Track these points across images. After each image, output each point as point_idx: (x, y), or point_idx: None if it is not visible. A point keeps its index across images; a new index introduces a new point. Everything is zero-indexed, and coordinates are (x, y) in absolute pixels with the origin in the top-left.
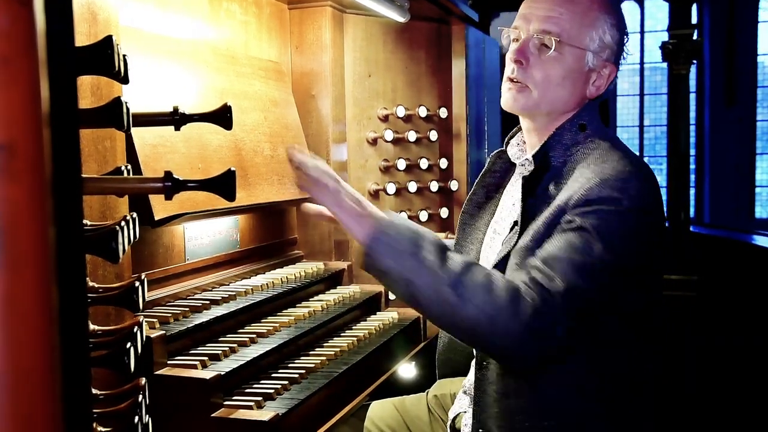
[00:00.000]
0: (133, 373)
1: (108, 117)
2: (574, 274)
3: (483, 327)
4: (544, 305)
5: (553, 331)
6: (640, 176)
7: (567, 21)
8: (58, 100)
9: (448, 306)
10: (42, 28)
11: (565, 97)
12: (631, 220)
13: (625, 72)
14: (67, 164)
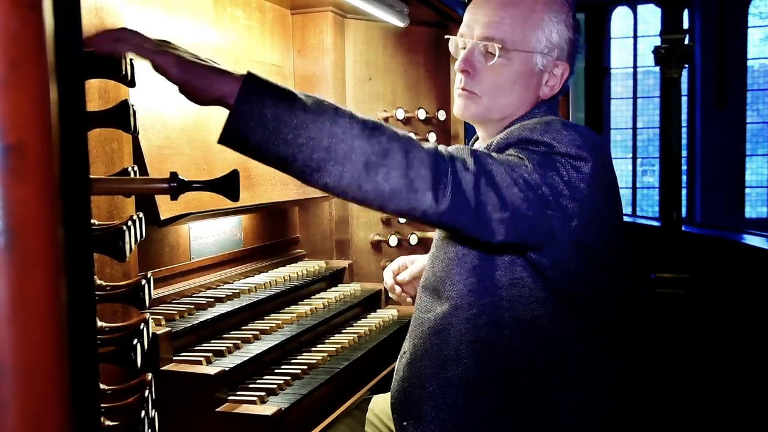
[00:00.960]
0: (139, 368)
1: (115, 119)
2: (493, 163)
3: (399, 159)
4: (451, 157)
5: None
6: (566, 124)
7: (509, 25)
8: (67, 103)
9: (359, 142)
10: (51, 31)
11: (516, 101)
12: (554, 162)
13: (619, 76)
14: (75, 165)
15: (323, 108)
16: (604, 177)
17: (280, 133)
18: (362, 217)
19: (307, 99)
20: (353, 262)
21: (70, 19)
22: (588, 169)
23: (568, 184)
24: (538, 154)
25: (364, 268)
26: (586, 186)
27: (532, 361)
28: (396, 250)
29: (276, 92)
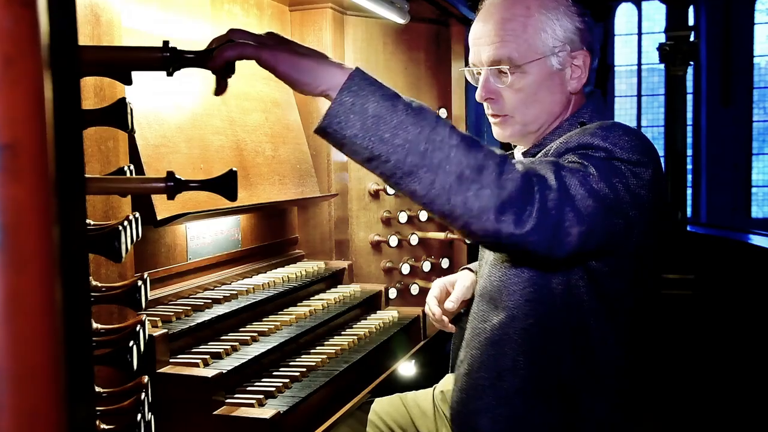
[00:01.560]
0: (135, 371)
1: (111, 117)
2: (570, 176)
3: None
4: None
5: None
6: (627, 129)
7: (510, 41)
8: (62, 101)
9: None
10: (45, 29)
11: (546, 107)
12: (614, 168)
13: (623, 73)
14: (70, 164)
15: (425, 113)
16: (661, 183)
17: (378, 130)
18: (362, 217)
19: (411, 102)
20: (353, 263)
21: (65, 16)
22: (648, 176)
23: (630, 191)
24: (600, 160)
25: (363, 269)
26: (647, 192)
27: (576, 371)
28: (396, 251)
29: (381, 89)
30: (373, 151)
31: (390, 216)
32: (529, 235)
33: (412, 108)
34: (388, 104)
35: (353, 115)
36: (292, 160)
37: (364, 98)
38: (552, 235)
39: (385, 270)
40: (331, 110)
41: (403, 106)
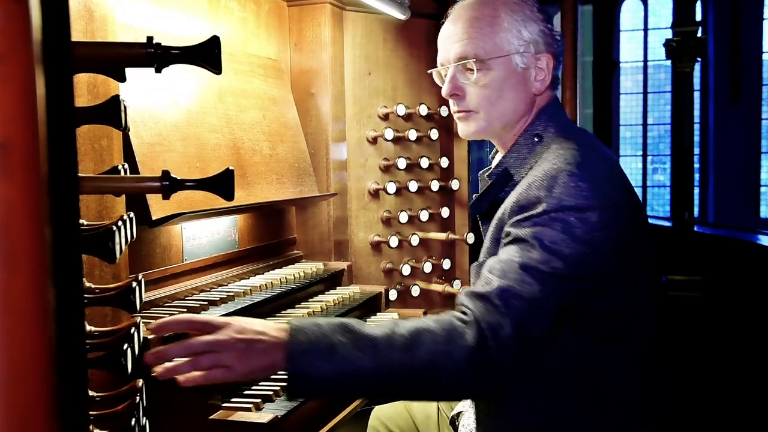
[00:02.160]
0: (130, 374)
1: (105, 115)
2: (515, 276)
3: (442, 363)
4: (484, 333)
5: (499, 358)
6: (572, 173)
7: (477, 38)
8: (54, 98)
9: (401, 366)
10: (38, 25)
11: (511, 105)
12: (562, 223)
13: (629, 70)
14: (63, 163)
15: (362, 351)
16: (619, 207)
17: (335, 390)
18: (361, 217)
19: (344, 345)
20: (352, 264)
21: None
22: (596, 217)
23: (584, 241)
24: (547, 220)
25: (363, 270)
26: (601, 232)
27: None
28: (397, 251)
29: (319, 353)
30: (345, 397)
31: (390, 216)
32: (500, 379)
33: (349, 360)
34: (330, 366)
35: (311, 387)
36: (290, 159)
37: (308, 368)
38: (519, 357)
39: (385, 271)
40: (290, 388)
41: (341, 359)
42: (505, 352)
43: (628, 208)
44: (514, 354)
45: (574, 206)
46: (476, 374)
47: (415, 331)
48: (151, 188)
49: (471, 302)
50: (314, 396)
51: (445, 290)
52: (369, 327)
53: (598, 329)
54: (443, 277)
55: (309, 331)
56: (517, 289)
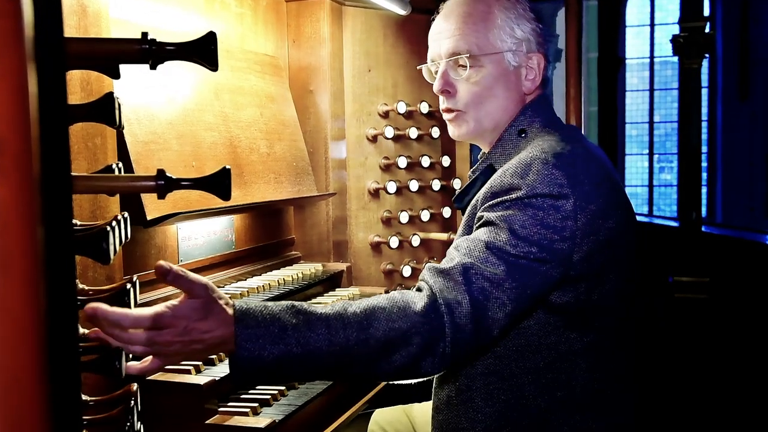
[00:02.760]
0: (124, 378)
1: (99, 113)
2: (480, 255)
3: (397, 341)
4: (440, 310)
5: (453, 336)
6: (546, 161)
7: (470, 34)
8: (47, 96)
9: (356, 345)
10: (29, 20)
11: (501, 103)
12: (534, 209)
13: (635, 66)
14: (56, 162)
15: (315, 332)
16: (594, 199)
17: (286, 374)
18: (361, 217)
19: (296, 327)
20: (352, 265)
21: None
22: (570, 206)
23: (554, 228)
24: (520, 205)
25: (363, 272)
26: (574, 221)
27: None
28: (397, 252)
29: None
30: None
31: (390, 216)
32: (453, 358)
33: (300, 347)
34: (281, 349)
35: (261, 372)
36: (288, 158)
37: (259, 351)
38: (474, 335)
39: (385, 272)
40: (236, 374)
41: (294, 341)
42: (459, 331)
43: (607, 201)
44: (469, 333)
45: (547, 194)
46: (429, 352)
47: (369, 309)
48: (145, 187)
49: (431, 277)
50: (263, 383)
51: None
52: (321, 307)
53: (565, 317)
54: None
55: (257, 313)
56: (481, 268)
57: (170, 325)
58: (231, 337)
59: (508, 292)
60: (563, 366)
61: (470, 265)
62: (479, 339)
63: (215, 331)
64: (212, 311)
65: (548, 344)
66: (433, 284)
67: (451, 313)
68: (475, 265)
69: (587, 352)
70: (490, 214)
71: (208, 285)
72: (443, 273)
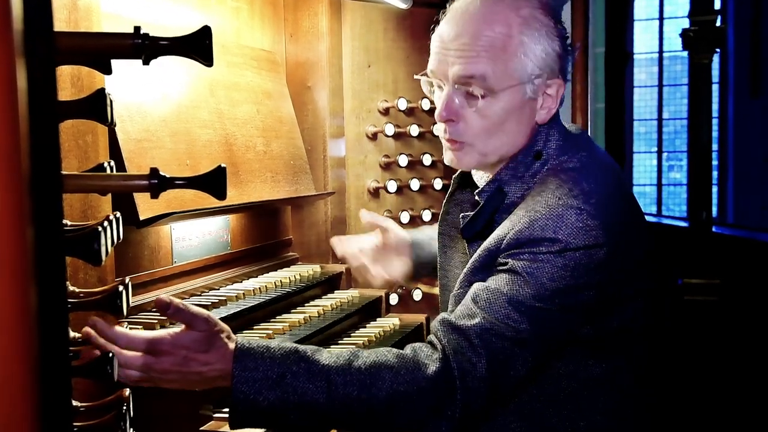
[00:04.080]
0: (116, 383)
1: (90, 110)
2: (500, 311)
3: (402, 404)
4: (453, 374)
5: (465, 402)
6: (580, 210)
7: (489, 58)
8: (36, 92)
9: (357, 403)
10: (18, 14)
11: (511, 139)
12: (565, 260)
13: (643, 62)
14: (45, 160)
15: (315, 384)
16: (623, 236)
17: (282, 420)
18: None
19: (295, 374)
20: (351, 267)
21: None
22: (603, 255)
23: (584, 278)
24: (551, 258)
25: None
26: (604, 268)
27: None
28: None
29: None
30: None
31: (391, 216)
32: (462, 422)
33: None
34: (277, 395)
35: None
36: (286, 156)
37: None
38: (486, 396)
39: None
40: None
41: (293, 405)
42: (471, 395)
43: (632, 229)
44: (482, 396)
45: (582, 246)
46: (436, 416)
47: (375, 366)
48: (138, 187)
49: (445, 333)
50: (259, 426)
51: None
52: (325, 356)
53: (584, 345)
54: None
55: (257, 355)
56: (501, 328)
57: (169, 353)
58: (230, 374)
59: (530, 348)
60: (583, 394)
61: (489, 326)
62: (494, 398)
63: (215, 364)
64: (214, 344)
65: (567, 374)
66: (446, 344)
67: (464, 378)
68: (495, 326)
69: (607, 378)
70: (514, 262)
71: (210, 318)
72: (459, 330)
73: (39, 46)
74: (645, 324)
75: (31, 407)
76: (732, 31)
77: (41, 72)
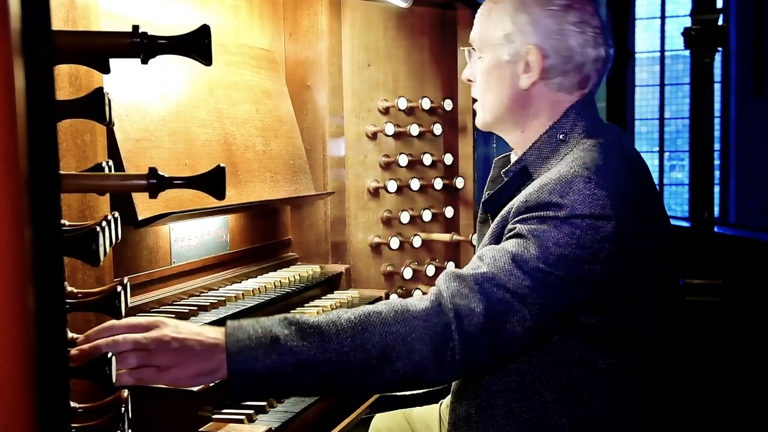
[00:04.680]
0: (114, 384)
1: (88, 109)
2: (504, 266)
3: (397, 346)
4: (448, 316)
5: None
6: (589, 179)
7: (480, 23)
8: (34, 91)
9: (353, 352)
10: (16, 13)
11: (495, 98)
12: (571, 227)
13: (644, 61)
14: (43, 160)
15: (308, 340)
16: (635, 219)
17: (284, 386)
18: (360, 217)
19: (288, 336)
20: (351, 267)
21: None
22: (610, 228)
23: (589, 249)
24: (557, 224)
25: (362, 273)
26: (611, 243)
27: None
28: (398, 254)
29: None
30: (291, 395)
31: (391, 216)
32: (465, 369)
33: (294, 345)
34: (275, 359)
35: (257, 385)
36: (285, 156)
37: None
38: (488, 348)
39: (385, 274)
40: (233, 389)
41: (287, 349)
42: (470, 339)
43: (647, 220)
44: (483, 343)
45: (588, 214)
46: (434, 359)
47: (364, 314)
48: (137, 186)
49: (446, 281)
50: (263, 395)
51: None
52: (314, 317)
53: (590, 336)
54: None
55: (248, 327)
56: (503, 279)
57: (157, 324)
58: (224, 345)
59: (530, 307)
60: (586, 384)
61: (491, 275)
62: (496, 351)
63: (208, 332)
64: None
65: (571, 361)
66: (445, 288)
67: (460, 320)
68: (497, 276)
69: (610, 372)
70: (522, 226)
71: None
72: (460, 278)
73: (37, 45)
74: (652, 324)
75: (29, 408)
76: (734, 30)
77: (39, 71)
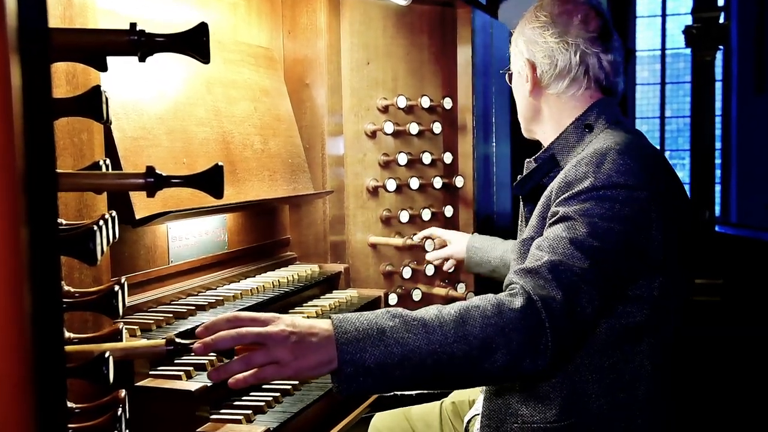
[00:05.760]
0: (112, 384)
1: (85, 107)
2: (565, 251)
3: (497, 337)
4: (536, 306)
5: (553, 331)
6: (621, 151)
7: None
8: (31, 89)
9: (456, 343)
10: (13, 11)
11: (519, 108)
12: (611, 201)
13: (645, 59)
14: (40, 158)
15: (413, 332)
16: (666, 190)
17: (389, 378)
18: (359, 216)
19: (393, 328)
20: (350, 266)
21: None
22: (645, 196)
23: (632, 219)
24: (595, 196)
25: (361, 273)
26: (649, 212)
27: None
28: (397, 253)
29: (369, 340)
30: (395, 389)
31: (390, 215)
32: (555, 355)
33: (400, 337)
34: (381, 349)
35: (360, 377)
36: (284, 154)
37: (361, 362)
38: (570, 330)
39: (384, 274)
40: (339, 385)
41: (393, 340)
42: (559, 324)
43: (676, 194)
44: (566, 329)
45: (623, 184)
46: (530, 349)
47: (463, 308)
48: (134, 185)
49: (520, 278)
50: (368, 389)
51: (448, 294)
52: (415, 311)
53: (633, 313)
54: (447, 281)
55: (354, 320)
56: (569, 263)
57: (274, 318)
58: (333, 337)
59: (595, 285)
60: (627, 367)
61: (558, 262)
62: (577, 332)
63: (320, 324)
64: (315, 321)
65: (613, 342)
66: (524, 284)
67: (549, 308)
68: (563, 262)
69: (651, 354)
70: (566, 209)
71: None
72: (532, 272)
73: (33, 42)
74: (674, 297)
75: (26, 408)
76: (735, 28)
77: (36, 69)
